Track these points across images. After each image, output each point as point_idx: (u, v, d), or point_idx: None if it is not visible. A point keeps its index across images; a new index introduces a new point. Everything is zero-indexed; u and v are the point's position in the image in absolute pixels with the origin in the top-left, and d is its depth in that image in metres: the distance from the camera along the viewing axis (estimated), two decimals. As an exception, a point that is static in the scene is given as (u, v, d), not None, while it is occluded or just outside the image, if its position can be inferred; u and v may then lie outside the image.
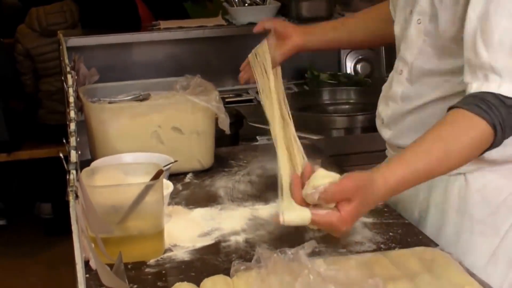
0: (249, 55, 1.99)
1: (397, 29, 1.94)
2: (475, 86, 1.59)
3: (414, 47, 1.83)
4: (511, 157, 1.78)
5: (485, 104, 1.54)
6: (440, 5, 1.73)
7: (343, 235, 1.61)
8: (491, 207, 1.81)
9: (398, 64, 1.91)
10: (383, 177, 1.50)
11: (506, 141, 1.62)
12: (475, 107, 1.54)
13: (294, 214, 1.46)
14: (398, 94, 1.89)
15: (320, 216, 1.45)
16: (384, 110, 1.96)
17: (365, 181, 1.47)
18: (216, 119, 2.29)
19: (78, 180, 1.33)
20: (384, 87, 2.00)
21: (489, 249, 1.83)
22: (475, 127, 1.55)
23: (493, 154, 1.68)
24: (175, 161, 2.13)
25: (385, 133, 1.97)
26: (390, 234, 1.84)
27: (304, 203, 1.47)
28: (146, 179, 1.77)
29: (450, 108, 1.61)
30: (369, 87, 3.39)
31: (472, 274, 1.59)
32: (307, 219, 1.45)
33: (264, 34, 2.03)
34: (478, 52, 1.59)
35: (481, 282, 1.56)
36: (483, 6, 1.59)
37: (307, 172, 1.49)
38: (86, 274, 1.39)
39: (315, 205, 1.46)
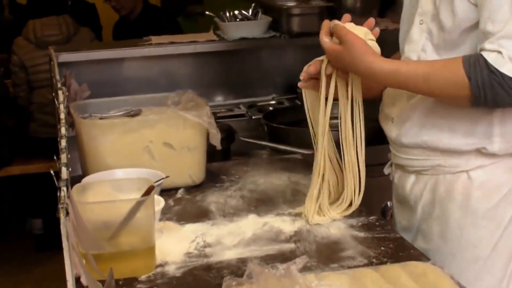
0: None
1: (401, 43, 2.11)
2: (481, 47, 1.79)
3: (418, 45, 1.98)
4: (510, 149, 1.91)
5: (473, 60, 1.77)
6: (440, 2, 1.90)
7: (336, 63, 1.95)
8: (493, 202, 1.94)
9: None
10: (375, 58, 1.88)
11: (504, 133, 1.88)
12: (466, 59, 1.78)
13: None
14: (404, 92, 1.99)
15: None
16: (392, 110, 2.07)
17: (362, 47, 1.87)
18: (208, 134, 2.29)
19: (69, 197, 1.33)
20: (388, 90, 2.11)
21: (491, 242, 1.95)
22: (455, 71, 1.78)
23: (494, 146, 1.89)
24: (167, 176, 2.13)
25: (394, 132, 2.06)
26: (382, 248, 1.84)
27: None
28: (137, 195, 1.76)
29: None
30: (363, 101, 3.38)
31: (463, 288, 1.59)
32: None
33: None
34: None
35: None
36: None
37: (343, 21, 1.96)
38: (77, 290, 1.39)
39: None
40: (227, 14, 3.69)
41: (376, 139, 2.11)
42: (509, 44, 1.72)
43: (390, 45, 2.20)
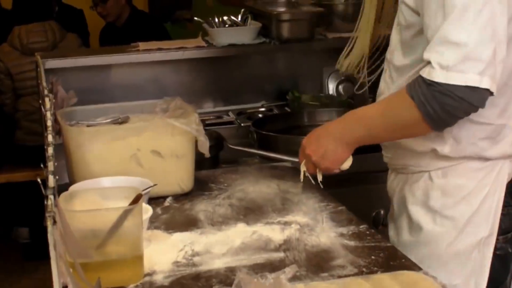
0: None
1: None
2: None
3: (393, 46, 2.08)
4: (462, 153, 1.99)
5: (413, 82, 1.86)
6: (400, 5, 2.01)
7: (317, 162, 2.16)
8: (451, 202, 2.03)
9: (385, 66, 2.15)
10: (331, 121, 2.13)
11: (456, 136, 1.95)
12: (408, 84, 1.87)
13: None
14: (381, 90, 2.13)
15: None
16: None
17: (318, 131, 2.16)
18: (196, 142, 2.28)
19: (56, 205, 1.31)
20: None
21: (447, 240, 2.03)
22: (400, 96, 1.89)
23: (444, 150, 1.98)
24: (155, 184, 2.11)
25: None
26: (372, 257, 1.82)
27: None
28: (125, 203, 1.75)
29: None
30: (352, 108, 3.38)
31: (455, 298, 1.58)
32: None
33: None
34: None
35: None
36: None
37: None
38: (63, 301, 1.37)
39: None
40: (216, 20, 3.68)
41: (367, 147, 2.10)
42: (440, 49, 1.77)
43: (382, 51, 2.20)
